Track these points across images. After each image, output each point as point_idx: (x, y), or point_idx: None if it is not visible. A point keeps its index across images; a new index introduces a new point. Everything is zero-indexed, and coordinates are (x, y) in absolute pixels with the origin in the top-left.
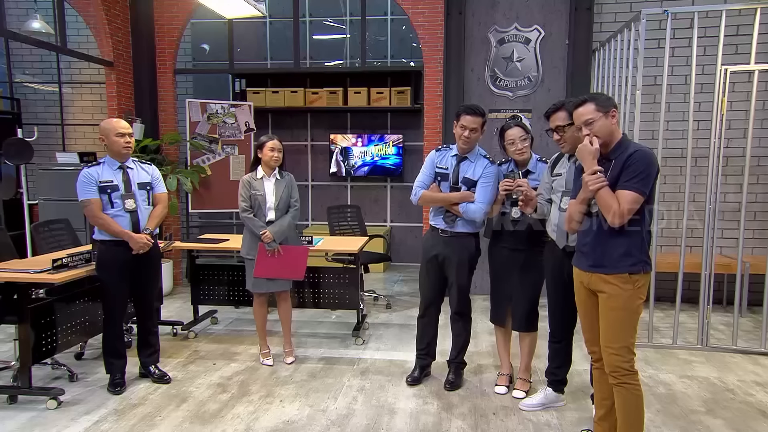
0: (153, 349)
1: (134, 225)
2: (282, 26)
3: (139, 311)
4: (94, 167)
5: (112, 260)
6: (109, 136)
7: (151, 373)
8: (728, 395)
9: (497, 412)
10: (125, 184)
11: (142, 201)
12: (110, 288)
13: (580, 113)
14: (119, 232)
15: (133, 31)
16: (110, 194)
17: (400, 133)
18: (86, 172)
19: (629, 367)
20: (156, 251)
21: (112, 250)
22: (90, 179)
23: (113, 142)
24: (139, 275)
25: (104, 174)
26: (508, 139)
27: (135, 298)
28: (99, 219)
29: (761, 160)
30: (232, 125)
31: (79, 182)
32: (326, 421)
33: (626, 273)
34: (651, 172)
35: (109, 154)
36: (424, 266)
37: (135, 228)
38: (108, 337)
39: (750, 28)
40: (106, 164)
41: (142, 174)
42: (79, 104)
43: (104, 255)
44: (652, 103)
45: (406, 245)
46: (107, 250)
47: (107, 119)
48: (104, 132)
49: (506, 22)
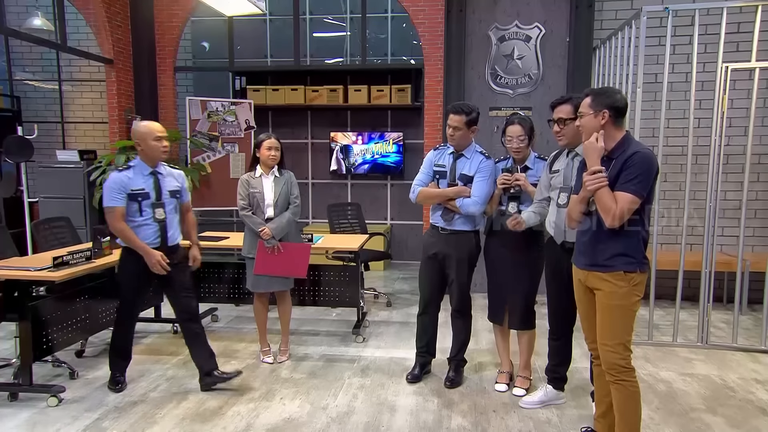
0: (209, 352)
1: (162, 234)
2: (282, 24)
3: (179, 316)
4: (124, 172)
5: (132, 267)
6: (146, 140)
7: (217, 378)
8: (728, 393)
9: (497, 409)
10: (156, 192)
11: (171, 209)
12: (127, 293)
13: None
14: (138, 246)
15: (133, 28)
16: (141, 202)
17: (400, 131)
18: (117, 177)
19: (625, 364)
20: (183, 260)
21: (135, 257)
22: (119, 185)
23: (151, 147)
24: (167, 283)
25: (135, 180)
26: (508, 135)
27: (171, 304)
28: (120, 228)
29: (762, 158)
30: (232, 123)
31: (107, 187)
32: (327, 419)
33: (621, 271)
34: (650, 174)
35: (142, 158)
36: (424, 264)
37: (163, 237)
38: (117, 337)
39: (751, 25)
40: (138, 169)
41: (172, 181)
42: (80, 102)
43: (126, 261)
44: (653, 100)
45: (407, 243)
46: (129, 257)
47: (142, 122)
48: (140, 136)
49: (507, 20)
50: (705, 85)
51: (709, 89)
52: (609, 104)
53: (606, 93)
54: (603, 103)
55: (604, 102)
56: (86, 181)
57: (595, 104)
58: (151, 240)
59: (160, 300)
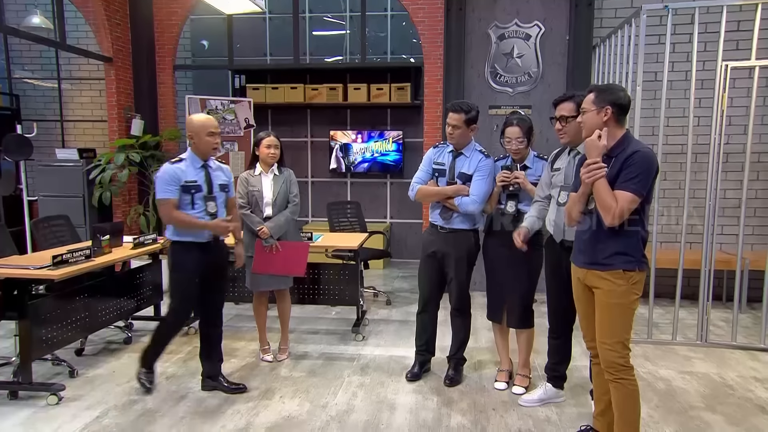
0: (219, 357)
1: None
2: (281, 22)
3: (205, 316)
4: (177, 164)
5: (189, 261)
6: (200, 135)
7: (221, 383)
8: (727, 391)
9: (497, 407)
10: (208, 186)
11: (221, 203)
12: (179, 289)
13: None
14: (201, 225)
15: (133, 27)
16: (194, 195)
17: (400, 130)
18: (170, 169)
19: (624, 362)
20: (227, 257)
21: (189, 250)
22: (174, 177)
23: (204, 142)
24: (208, 279)
25: (188, 173)
26: (506, 136)
27: (203, 303)
28: (176, 217)
29: (761, 157)
30: (231, 121)
31: (161, 179)
32: (326, 417)
33: (620, 270)
34: (650, 173)
35: (193, 151)
36: (424, 262)
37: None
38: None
39: (751, 23)
40: (189, 161)
41: (221, 175)
42: (79, 100)
43: (182, 256)
44: (653, 99)
45: (406, 241)
46: (185, 251)
47: (196, 115)
48: (194, 129)
49: (506, 18)
50: (705, 84)
51: (709, 87)
52: (612, 101)
53: (610, 90)
54: (606, 99)
55: (608, 98)
56: (85, 179)
57: (598, 100)
58: (203, 233)
59: (160, 298)
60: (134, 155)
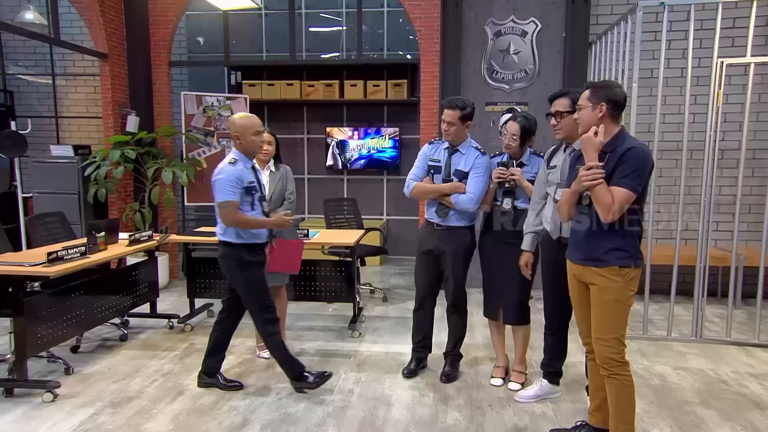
0: (222, 355)
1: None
2: (278, 18)
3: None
4: (236, 165)
5: (251, 260)
6: (245, 134)
7: (219, 381)
8: (722, 386)
9: (493, 403)
10: (260, 185)
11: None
12: (259, 287)
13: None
14: (266, 223)
15: (127, 22)
16: (254, 195)
17: (396, 126)
18: (234, 171)
19: (620, 358)
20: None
21: (252, 250)
22: (239, 179)
23: (250, 142)
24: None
25: (246, 174)
26: (505, 129)
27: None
28: (240, 219)
29: (756, 153)
30: (227, 118)
31: (224, 181)
32: (323, 413)
33: (616, 266)
34: (645, 169)
35: (240, 151)
36: (420, 259)
37: (270, 230)
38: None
39: (746, 20)
40: (242, 162)
41: (262, 176)
42: (73, 97)
43: (246, 255)
44: (649, 96)
45: (403, 238)
46: (247, 251)
47: (238, 115)
48: (240, 129)
49: (503, 15)
50: (700, 80)
51: (705, 84)
52: (607, 97)
53: (606, 86)
54: (601, 96)
55: (603, 95)
56: (81, 176)
57: (593, 97)
58: (264, 233)
59: (156, 295)
60: (129, 152)
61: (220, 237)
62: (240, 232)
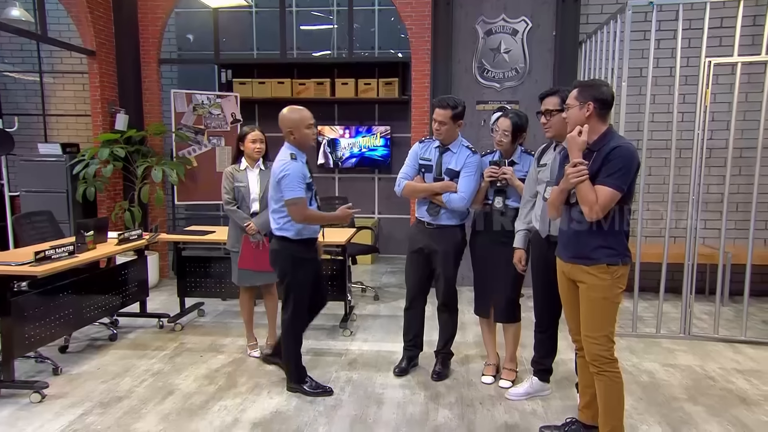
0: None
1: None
2: (268, 16)
3: (315, 306)
4: (298, 161)
5: (309, 258)
6: (299, 128)
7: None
8: (709, 383)
9: (484, 401)
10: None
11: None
12: (305, 285)
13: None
14: (329, 218)
15: (116, 19)
16: (312, 190)
17: (387, 125)
18: (299, 167)
19: (609, 355)
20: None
21: (307, 247)
22: (304, 175)
23: (304, 135)
24: (318, 271)
25: (306, 170)
26: (497, 125)
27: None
28: (310, 215)
29: (743, 152)
30: (218, 116)
31: (293, 177)
32: (314, 412)
33: (604, 264)
34: (631, 168)
35: (295, 146)
36: (411, 258)
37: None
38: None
39: (733, 20)
40: (299, 158)
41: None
42: (61, 94)
43: (303, 254)
44: (638, 95)
45: (394, 237)
46: (305, 248)
47: (290, 107)
48: (293, 123)
49: (494, 13)
50: (689, 80)
51: (693, 84)
52: (594, 96)
53: (593, 85)
54: (588, 95)
55: (590, 94)
56: (69, 174)
57: (580, 96)
58: (317, 230)
59: (145, 295)
60: (119, 150)
61: (276, 232)
62: (302, 228)
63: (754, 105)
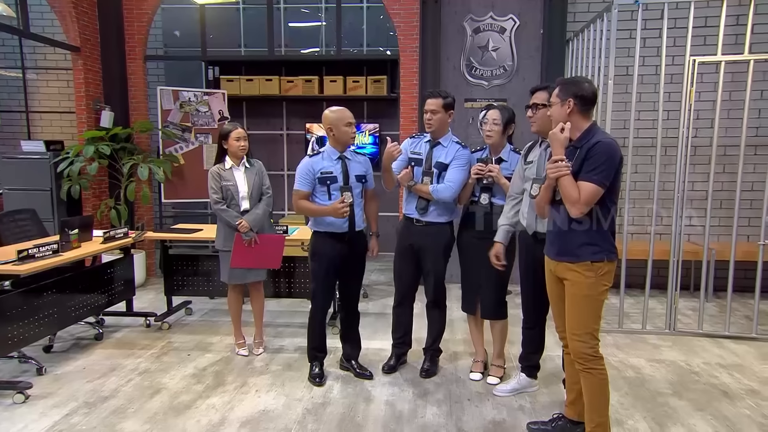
0: (354, 343)
1: (350, 218)
2: (256, 13)
3: (342, 301)
4: (314, 157)
5: (322, 250)
6: (338, 126)
7: (352, 367)
8: (693, 377)
9: (472, 398)
10: (344, 176)
11: (358, 194)
12: (318, 277)
13: (552, 93)
14: (322, 211)
15: (101, 15)
16: (329, 185)
17: (376, 122)
18: (305, 162)
19: (593, 352)
20: (364, 247)
21: (326, 240)
22: (309, 170)
23: (343, 132)
24: (346, 267)
25: (325, 164)
26: (486, 118)
27: (340, 290)
28: (301, 206)
29: (727, 150)
30: (205, 113)
31: (298, 171)
32: (302, 410)
33: (588, 261)
34: (612, 164)
35: (332, 143)
36: (399, 256)
37: (351, 222)
38: (310, 325)
39: (717, 19)
40: (327, 154)
41: (358, 166)
42: (45, 91)
43: (317, 245)
44: (624, 93)
45: (383, 234)
46: (320, 241)
47: (332, 108)
48: (332, 121)
49: (482, 11)
50: (674, 78)
51: (678, 82)
52: (575, 93)
53: (574, 82)
54: (569, 91)
55: (570, 91)
56: (53, 172)
57: (562, 93)
58: (339, 224)
59: (132, 293)
60: (104, 148)
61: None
62: (314, 221)
63: (738, 103)
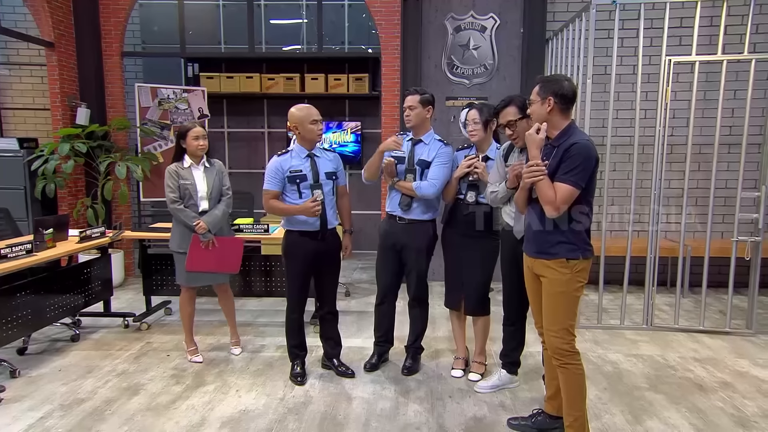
0: (334, 341)
1: (321, 216)
2: (236, 9)
3: (319, 300)
4: (284, 156)
5: (295, 249)
6: (303, 123)
7: (333, 365)
8: (669, 371)
9: (453, 395)
10: (313, 174)
11: (329, 191)
12: (291, 275)
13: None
14: (293, 210)
15: (76, 10)
16: (299, 184)
17: (358, 121)
18: (274, 161)
19: (569, 348)
20: (338, 245)
21: (298, 239)
22: (278, 169)
23: (309, 130)
24: (320, 265)
25: (293, 163)
26: (467, 119)
27: (317, 287)
28: (272, 206)
29: (702, 148)
30: (184, 111)
31: (267, 171)
32: (283, 410)
33: (564, 258)
34: (588, 165)
35: (299, 142)
36: (382, 254)
37: (322, 220)
38: (287, 324)
39: (693, 20)
40: (295, 152)
41: (328, 163)
42: (18, 87)
43: (289, 243)
44: (602, 92)
45: (365, 232)
46: (293, 239)
47: (298, 106)
48: (297, 119)
49: (462, 10)
50: (651, 78)
51: (655, 81)
52: (554, 91)
53: (553, 80)
54: (549, 90)
55: (550, 89)
56: (27, 170)
57: (541, 91)
58: (310, 222)
59: (110, 294)
60: (80, 146)
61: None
62: (287, 219)
63: (712, 103)
